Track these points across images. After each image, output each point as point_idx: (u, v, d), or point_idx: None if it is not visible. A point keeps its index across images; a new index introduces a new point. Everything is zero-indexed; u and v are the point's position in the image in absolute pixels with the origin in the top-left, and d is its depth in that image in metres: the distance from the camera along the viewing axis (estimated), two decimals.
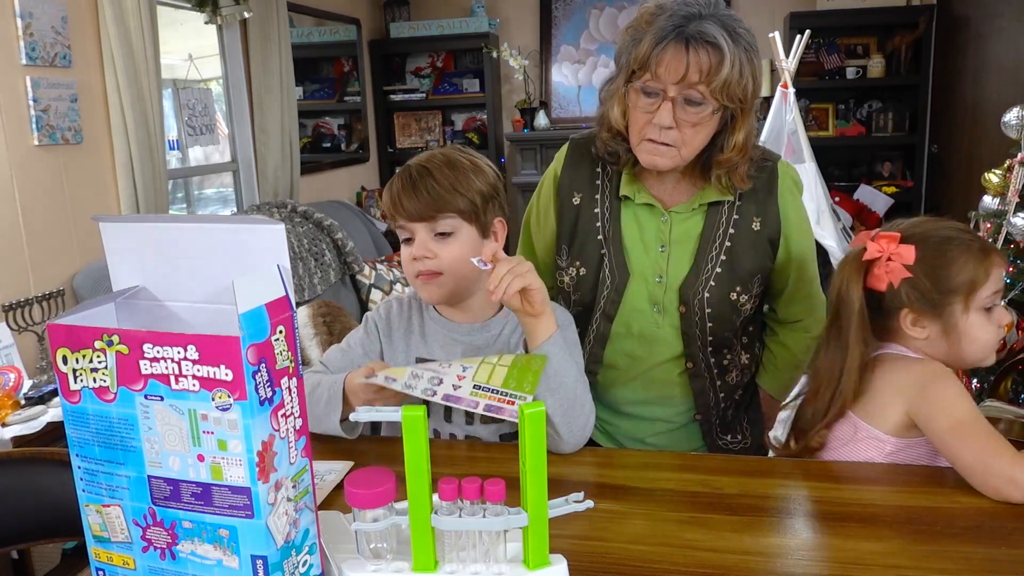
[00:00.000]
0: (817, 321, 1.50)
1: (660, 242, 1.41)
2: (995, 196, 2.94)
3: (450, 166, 1.26)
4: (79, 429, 0.79)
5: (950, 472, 1.09)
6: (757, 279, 1.41)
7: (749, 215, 1.39)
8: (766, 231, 1.39)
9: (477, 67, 5.32)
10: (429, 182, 1.24)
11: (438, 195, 1.23)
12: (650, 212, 1.41)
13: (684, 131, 1.28)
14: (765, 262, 1.41)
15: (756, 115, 1.33)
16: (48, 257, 2.62)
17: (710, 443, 1.49)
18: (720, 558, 0.92)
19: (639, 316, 1.41)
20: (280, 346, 0.76)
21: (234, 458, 0.74)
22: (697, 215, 1.40)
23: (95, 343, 0.75)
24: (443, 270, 1.26)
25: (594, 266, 1.43)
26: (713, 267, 1.38)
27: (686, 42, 1.23)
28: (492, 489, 0.80)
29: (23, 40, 2.50)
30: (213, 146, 3.82)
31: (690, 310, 1.39)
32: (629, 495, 1.08)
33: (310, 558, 0.82)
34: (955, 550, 0.91)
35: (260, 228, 0.79)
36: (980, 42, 4.37)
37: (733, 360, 1.46)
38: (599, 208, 1.43)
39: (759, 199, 1.39)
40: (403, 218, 1.26)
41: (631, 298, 1.41)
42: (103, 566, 0.83)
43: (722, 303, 1.39)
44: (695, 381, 1.44)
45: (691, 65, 1.23)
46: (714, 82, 1.23)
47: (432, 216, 1.24)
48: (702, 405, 1.45)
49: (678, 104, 1.26)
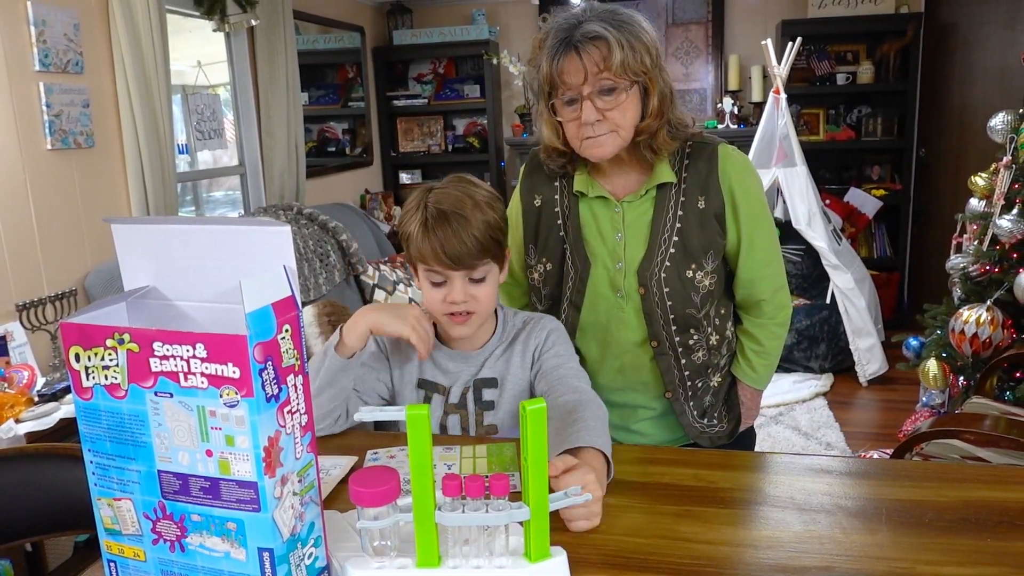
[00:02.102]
0: (779, 308, 1.52)
1: (616, 231, 1.46)
2: (981, 199, 2.95)
3: (476, 206, 1.25)
4: (91, 425, 0.79)
5: (937, 467, 1.10)
6: (710, 255, 1.44)
7: (694, 195, 1.43)
8: (711, 208, 1.43)
9: (478, 73, 5.31)
10: (466, 228, 1.23)
11: (476, 242, 1.23)
12: (604, 204, 1.47)
13: (612, 116, 1.35)
14: (715, 238, 1.44)
15: (668, 82, 1.40)
16: (61, 258, 2.62)
17: (686, 424, 1.51)
18: (714, 550, 0.92)
19: (604, 302, 1.46)
20: (286, 344, 0.76)
21: (241, 453, 0.74)
22: (646, 201, 1.45)
23: (107, 341, 0.75)
24: (477, 310, 1.29)
25: (558, 260, 1.50)
26: (667, 248, 1.43)
27: (575, 48, 1.32)
28: (496, 484, 0.80)
29: (36, 47, 2.50)
30: (221, 150, 3.82)
31: (649, 291, 1.43)
32: (626, 489, 1.08)
33: (315, 551, 0.82)
34: (942, 542, 0.92)
35: (267, 230, 0.79)
36: (967, 49, 4.37)
37: (699, 340, 1.48)
38: (558, 207, 1.50)
39: (701, 179, 1.43)
40: (440, 266, 1.25)
41: (595, 285, 1.46)
42: (114, 558, 0.83)
43: (678, 281, 1.43)
44: (661, 360, 1.47)
45: (587, 63, 1.31)
46: (613, 66, 1.31)
47: (473, 265, 1.25)
48: (669, 382, 1.49)
49: (596, 98, 1.33)
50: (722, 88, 5.08)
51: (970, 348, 2.62)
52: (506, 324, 1.39)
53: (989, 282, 2.73)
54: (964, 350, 2.65)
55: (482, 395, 1.34)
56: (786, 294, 1.53)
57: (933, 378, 2.84)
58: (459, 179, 1.31)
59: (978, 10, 4.26)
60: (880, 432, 3.42)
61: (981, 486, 1.05)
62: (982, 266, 2.75)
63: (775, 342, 1.54)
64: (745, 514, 1.01)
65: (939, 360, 2.83)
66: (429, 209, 1.25)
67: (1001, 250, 2.71)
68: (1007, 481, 1.07)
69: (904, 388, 3.78)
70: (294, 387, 0.77)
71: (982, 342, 2.59)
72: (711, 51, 5.10)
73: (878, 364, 3.96)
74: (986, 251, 2.75)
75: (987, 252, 2.74)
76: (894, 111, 4.85)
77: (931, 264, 4.55)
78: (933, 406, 3.06)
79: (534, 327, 1.38)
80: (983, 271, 2.74)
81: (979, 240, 2.83)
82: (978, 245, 2.82)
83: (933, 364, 2.83)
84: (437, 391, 1.36)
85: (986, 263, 2.74)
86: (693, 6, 5.08)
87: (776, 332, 1.53)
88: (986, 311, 2.60)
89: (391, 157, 5.41)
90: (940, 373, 2.82)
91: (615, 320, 1.47)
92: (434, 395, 1.36)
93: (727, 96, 4.96)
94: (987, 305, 2.62)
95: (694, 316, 1.45)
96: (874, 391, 3.92)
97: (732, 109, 4.91)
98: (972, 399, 2.43)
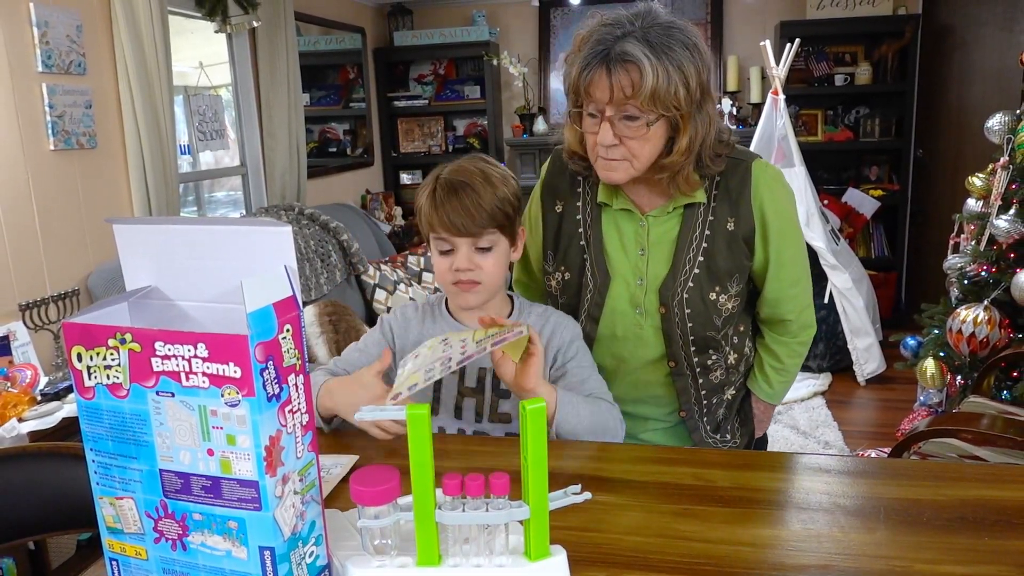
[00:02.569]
0: (804, 327, 1.47)
1: (639, 246, 1.41)
2: (979, 199, 2.95)
3: (487, 180, 1.26)
4: (93, 424, 0.79)
5: (934, 466, 1.09)
6: (735, 279, 1.39)
7: (723, 216, 1.37)
8: (740, 231, 1.37)
9: (478, 74, 5.31)
10: (473, 198, 1.24)
11: (482, 212, 1.24)
12: (628, 217, 1.41)
13: (629, 145, 1.27)
14: (742, 261, 1.39)
15: (710, 116, 1.29)
16: (63, 258, 2.62)
17: (698, 440, 1.49)
18: (712, 548, 0.92)
19: (622, 318, 1.42)
20: (287, 344, 0.76)
21: (242, 452, 0.74)
22: (673, 218, 1.39)
23: (109, 341, 0.75)
24: (482, 280, 1.28)
25: (577, 270, 1.44)
26: (691, 268, 1.38)
27: (607, 66, 1.23)
28: (497, 482, 0.80)
29: (39, 48, 2.50)
30: (223, 150, 3.82)
31: (670, 311, 1.39)
32: (625, 488, 1.08)
33: (316, 549, 0.82)
34: (940, 541, 0.92)
35: (268, 230, 0.79)
36: (964, 50, 4.37)
37: (718, 360, 1.44)
38: (580, 215, 1.45)
39: (732, 199, 1.36)
40: (447, 232, 1.26)
41: (613, 300, 1.41)
42: (116, 556, 0.83)
43: (701, 303, 1.38)
44: (678, 380, 1.44)
45: (614, 86, 1.23)
46: (641, 96, 1.22)
47: (478, 232, 1.25)
48: (685, 403, 1.46)
49: (617, 121, 1.26)
50: (721, 89, 5.07)
51: (967, 347, 2.62)
52: (522, 310, 1.38)
53: (986, 282, 2.73)
54: (961, 349, 2.65)
55: (499, 383, 1.32)
56: (811, 313, 1.48)
57: (931, 377, 2.83)
58: (475, 156, 1.32)
59: (976, 11, 4.25)
60: (878, 431, 3.42)
61: (979, 485, 1.05)
62: (979, 266, 2.74)
63: (795, 360, 1.49)
64: (744, 513, 1.01)
65: (936, 359, 2.82)
66: (440, 180, 1.27)
67: (998, 250, 2.71)
68: (1004, 480, 1.07)
69: (902, 387, 3.78)
70: (295, 386, 0.77)
71: (979, 341, 2.59)
72: (710, 52, 5.10)
73: (876, 363, 3.96)
74: (983, 251, 2.75)
75: (984, 252, 2.74)
76: (892, 112, 4.85)
77: (929, 264, 4.55)
78: (931, 405, 3.05)
79: (556, 325, 1.37)
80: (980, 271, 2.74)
81: (976, 240, 2.83)
82: (975, 245, 2.81)
83: (931, 363, 2.83)
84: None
85: (983, 263, 2.74)
86: (692, 7, 5.07)
87: (798, 351, 1.49)
88: (983, 311, 2.60)
89: (392, 158, 5.41)
90: (938, 372, 2.81)
91: (632, 336, 1.42)
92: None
93: (726, 97, 4.95)
94: (984, 305, 2.62)
95: (714, 338, 1.41)
96: (872, 390, 3.92)
97: (731, 110, 4.91)
98: (969, 398, 2.42)
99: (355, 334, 3.09)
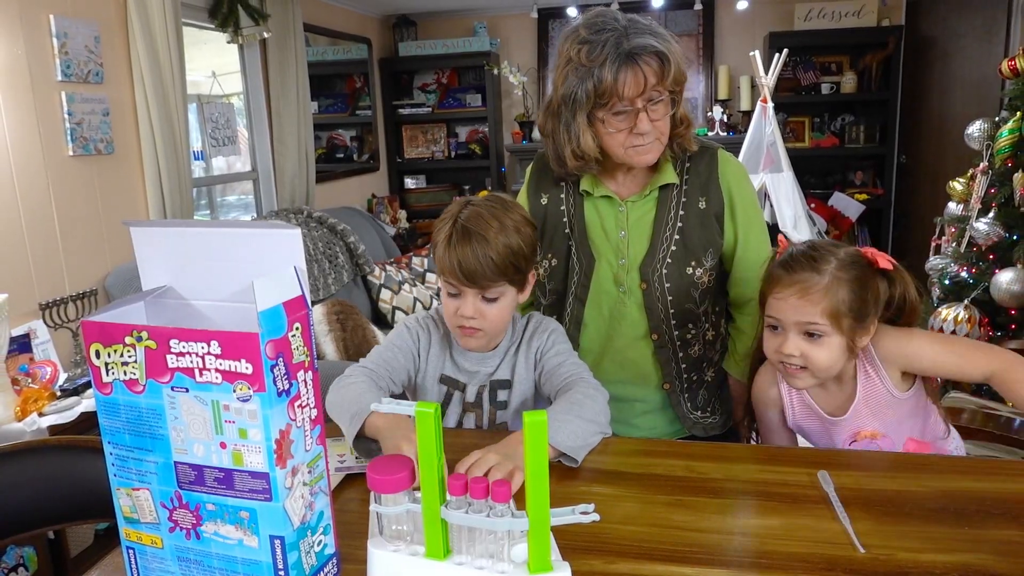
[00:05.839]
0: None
1: (620, 228, 1.46)
2: (959, 203, 2.95)
3: (502, 229, 1.22)
4: (111, 418, 0.79)
5: (917, 458, 1.10)
6: (709, 253, 1.45)
7: (695, 195, 1.44)
8: (711, 208, 1.44)
9: (479, 83, 5.31)
10: (485, 249, 1.20)
11: (492, 265, 1.20)
12: (609, 203, 1.47)
13: (658, 126, 1.36)
14: (715, 237, 1.45)
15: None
16: (82, 259, 2.62)
17: (682, 416, 1.51)
18: (704, 537, 0.92)
19: (607, 297, 1.47)
20: (296, 342, 0.76)
21: (254, 445, 0.74)
22: (650, 201, 1.46)
23: (126, 339, 0.75)
24: (484, 328, 1.27)
25: (563, 256, 1.49)
26: (668, 245, 1.43)
27: (633, 60, 1.29)
28: (498, 490, 0.78)
29: (59, 58, 2.49)
30: (235, 156, 3.81)
31: (651, 286, 1.44)
32: (621, 479, 1.08)
33: (324, 538, 0.82)
34: (921, 530, 0.92)
35: (278, 232, 0.79)
36: (946, 60, 4.37)
37: (697, 334, 1.48)
38: (564, 205, 1.50)
39: (702, 181, 1.44)
40: (455, 280, 1.23)
41: (599, 280, 1.46)
42: (133, 545, 0.83)
43: (679, 277, 1.43)
44: (660, 353, 1.47)
45: (647, 77, 1.30)
46: (667, 79, 1.32)
47: (485, 286, 1.23)
48: (667, 375, 1.49)
49: (646, 109, 1.33)
50: (712, 97, 5.08)
51: None
52: (515, 326, 1.38)
53: (966, 282, 2.73)
54: None
55: (496, 395, 1.34)
56: None
57: None
58: (495, 199, 1.28)
59: (956, 23, 4.25)
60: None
61: (959, 477, 1.05)
62: (960, 267, 2.74)
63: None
64: (734, 504, 1.01)
65: None
66: (457, 224, 1.23)
67: (978, 252, 2.71)
68: (984, 472, 1.07)
69: None
70: (304, 382, 0.77)
71: None
72: (702, 62, 5.10)
73: None
74: (964, 253, 2.75)
75: (965, 254, 2.74)
76: (876, 119, 4.85)
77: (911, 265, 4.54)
78: None
79: (536, 328, 1.37)
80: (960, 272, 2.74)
81: (957, 242, 2.83)
82: (956, 247, 2.82)
83: None
84: (456, 387, 1.36)
85: (964, 264, 2.73)
86: (685, 19, 5.08)
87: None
88: (964, 310, 2.60)
89: (397, 163, 5.41)
90: None
91: (617, 314, 1.47)
92: (455, 392, 1.36)
93: (717, 105, 4.96)
94: (964, 304, 2.62)
95: (693, 311, 1.46)
96: None
97: (722, 117, 4.91)
98: (951, 394, 2.43)
99: (362, 332, 3.09)
